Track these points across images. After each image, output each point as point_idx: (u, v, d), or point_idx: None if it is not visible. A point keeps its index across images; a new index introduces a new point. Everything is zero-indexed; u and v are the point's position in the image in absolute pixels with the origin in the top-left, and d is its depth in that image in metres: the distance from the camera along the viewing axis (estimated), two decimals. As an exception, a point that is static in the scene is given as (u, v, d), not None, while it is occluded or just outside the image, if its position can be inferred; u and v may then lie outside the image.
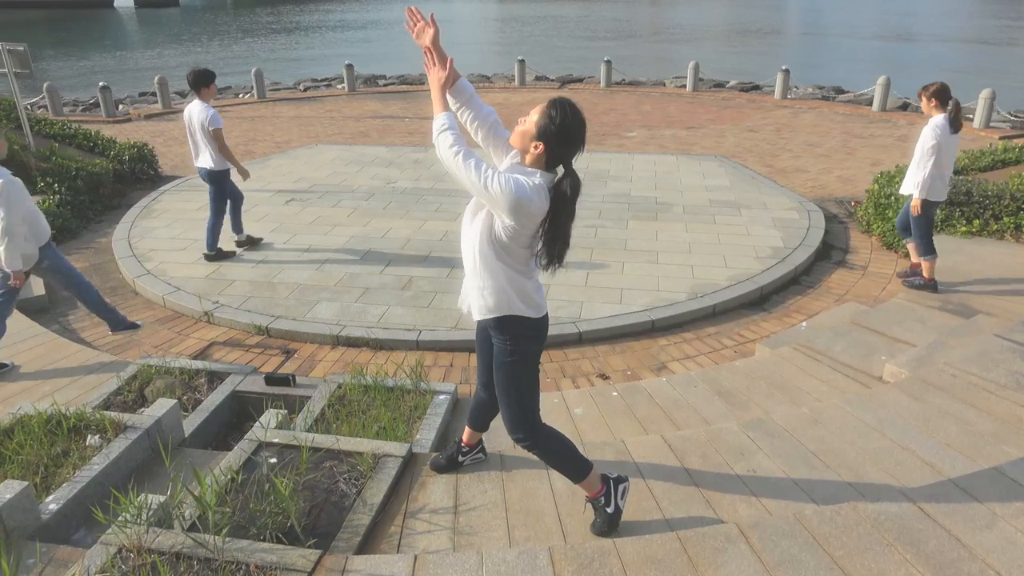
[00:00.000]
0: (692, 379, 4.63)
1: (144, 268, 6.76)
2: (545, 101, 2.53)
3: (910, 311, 5.42)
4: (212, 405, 4.24)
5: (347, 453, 3.40)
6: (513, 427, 2.87)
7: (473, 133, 2.83)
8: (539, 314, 2.75)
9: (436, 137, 2.55)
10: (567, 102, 2.50)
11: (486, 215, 2.58)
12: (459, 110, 2.79)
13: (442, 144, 2.52)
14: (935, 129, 5.58)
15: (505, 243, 2.57)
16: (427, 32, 2.72)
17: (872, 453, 3.44)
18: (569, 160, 2.55)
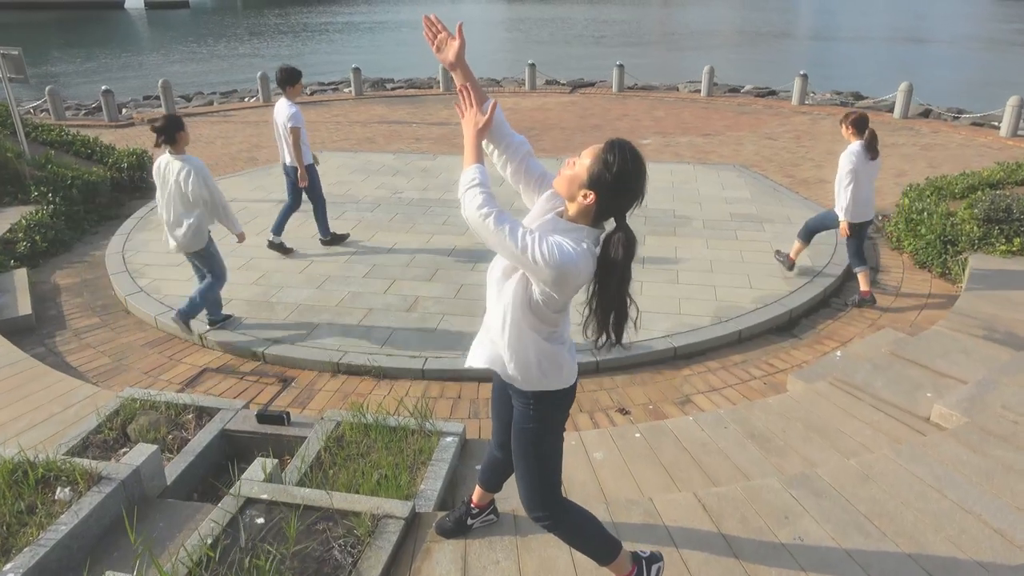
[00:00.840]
0: (721, 418, 4.26)
1: (137, 285, 6.43)
2: (601, 143, 2.15)
3: (953, 341, 5.03)
4: (199, 446, 3.89)
5: (343, 513, 3.04)
6: (530, 504, 2.51)
7: (501, 167, 2.47)
8: (569, 382, 2.40)
9: (463, 193, 2.15)
10: (626, 145, 2.11)
11: (521, 279, 2.22)
12: (487, 145, 2.42)
13: (471, 204, 2.12)
14: (851, 155, 5.92)
15: (541, 310, 2.23)
16: (451, 45, 2.35)
17: (932, 517, 3.06)
18: (623, 213, 2.16)
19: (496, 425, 2.76)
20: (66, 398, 4.52)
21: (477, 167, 2.20)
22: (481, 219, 2.09)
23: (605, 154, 2.10)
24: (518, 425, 2.46)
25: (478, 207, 2.10)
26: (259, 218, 8.10)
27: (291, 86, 6.73)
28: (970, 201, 7.18)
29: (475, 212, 2.10)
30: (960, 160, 10.60)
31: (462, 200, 2.16)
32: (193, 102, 17.40)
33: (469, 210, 2.13)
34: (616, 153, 2.09)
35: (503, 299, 2.28)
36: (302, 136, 6.76)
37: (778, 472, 3.69)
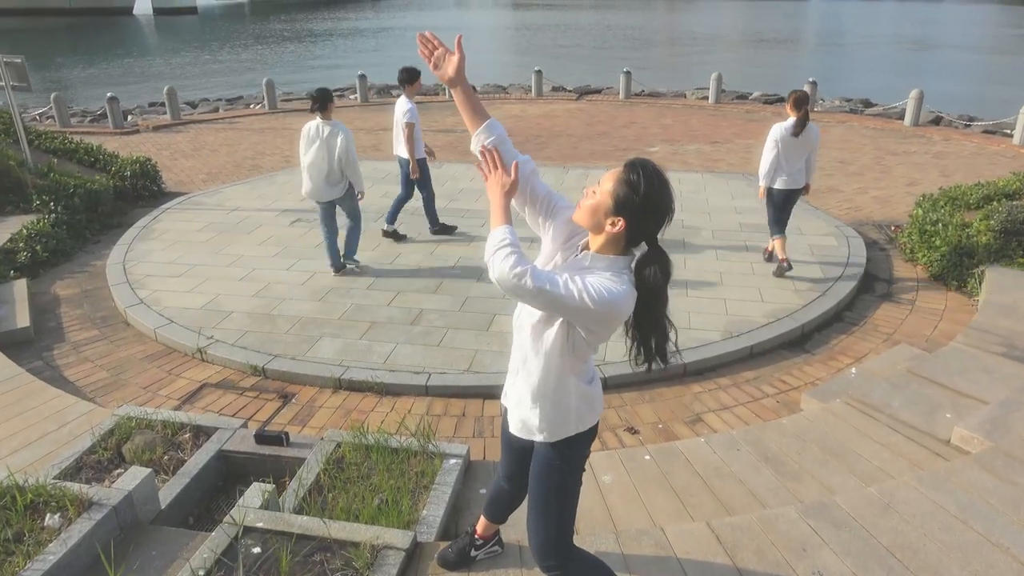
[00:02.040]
0: (734, 440, 4.12)
1: (137, 297, 6.33)
2: (619, 165, 2.03)
3: (972, 358, 4.88)
4: (195, 468, 3.77)
5: (341, 543, 2.92)
6: (544, 552, 2.39)
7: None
8: (599, 414, 2.32)
9: (492, 255, 1.98)
10: (648, 162, 2.01)
11: (563, 324, 2.10)
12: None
13: (502, 266, 1.95)
14: (778, 128, 6.46)
15: (584, 350, 2.13)
16: (450, 60, 2.21)
17: (958, 551, 2.92)
18: (654, 234, 2.05)
19: (507, 456, 2.61)
20: (61, 415, 4.41)
21: (506, 228, 2.05)
22: (516, 280, 1.93)
23: (628, 175, 1.99)
24: (541, 471, 2.33)
25: (511, 268, 1.93)
26: (262, 227, 8.01)
27: (409, 85, 7.26)
28: (986, 212, 7.03)
29: (508, 274, 1.94)
30: (973, 169, 10.45)
31: (491, 263, 1.99)
32: (199, 108, 17.37)
33: (500, 271, 1.95)
34: (639, 172, 1.98)
35: (542, 348, 2.17)
36: (416, 131, 7.21)
37: (794, 498, 3.55)
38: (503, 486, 2.70)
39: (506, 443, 2.57)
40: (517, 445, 2.46)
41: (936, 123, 14.15)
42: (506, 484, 2.68)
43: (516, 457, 2.51)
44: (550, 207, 2.27)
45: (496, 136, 2.24)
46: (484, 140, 2.23)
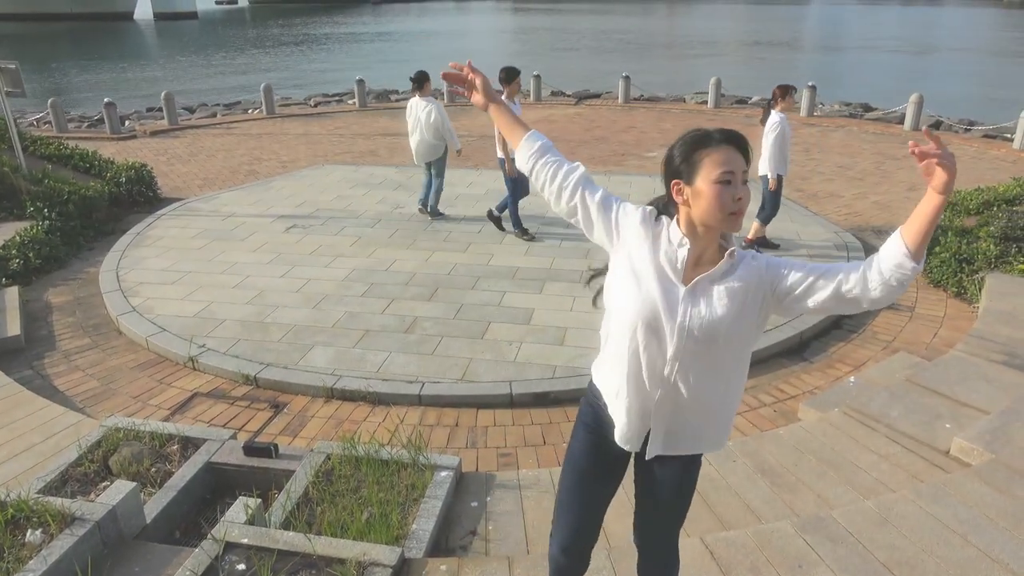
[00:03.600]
0: (730, 450, 4.05)
1: (130, 304, 6.28)
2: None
3: (972, 367, 4.82)
4: (182, 481, 3.71)
5: (326, 560, 2.86)
6: (673, 562, 2.40)
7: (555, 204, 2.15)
8: None
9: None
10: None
11: (752, 303, 1.92)
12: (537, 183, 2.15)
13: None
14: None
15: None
16: (472, 89, 2.17)
17: (956, 567, 2.86)
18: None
19: (582, 504, 2.28)
20: (48, 427, 4.36)
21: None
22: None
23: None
24: (678, 495, 2.21)
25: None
26: (257, 234, 7.96)
27: (508, 84, 7.29)
28: (986, 218, 6.98)
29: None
30: (973, 173, 10.39)
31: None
32: (196, 113, 17.35)
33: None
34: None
35: (739, 352, 1.99)
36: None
37: (790, 511, 3.49)
38: (563, 563, 2.39)
39: (590, 501, 2.29)
40: (603, 502, 2.32)
41: (936, 127, 14.09)
42: (565, 559, 2.39)
43: (597, 514, 2.33)
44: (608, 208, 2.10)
45: (540, 144, 2.14)
46: (528, 153, 2.13)
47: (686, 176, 1.89)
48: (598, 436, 2.20)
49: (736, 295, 1.90)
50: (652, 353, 1.95)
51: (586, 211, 2.09)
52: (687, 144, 1.90)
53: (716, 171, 1.83)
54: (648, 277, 1.95)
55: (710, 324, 1.89)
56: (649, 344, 1.94)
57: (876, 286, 1.78)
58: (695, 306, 1.90)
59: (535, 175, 2.12)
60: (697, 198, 1.87)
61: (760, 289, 1.91)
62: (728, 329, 1.89)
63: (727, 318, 1.88)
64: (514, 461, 4.31)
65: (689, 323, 1.90)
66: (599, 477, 2.26)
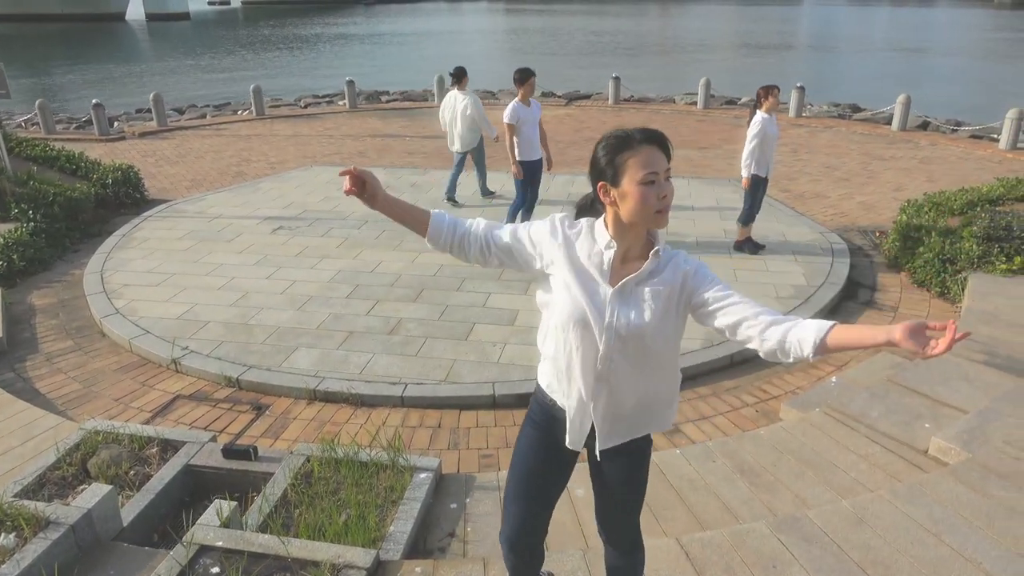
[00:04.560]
0: (709, 451, 4.07)
1: (113, 307, 6.26)
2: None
3: (953, 367, 4.84)
4: (160, 484, 3.70)
5: (301, 563, 2.85)
6: (635, 544, 2.44)
7: (482, 256, 2.16)
8: None
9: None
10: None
11: (675, 305, 2.03)
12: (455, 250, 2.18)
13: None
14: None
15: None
16: (362, 184, 2.04)
17: (929, 566, 2.87)
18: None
19: (528, 497, 2.34)
20: (27, 430, 4.33)
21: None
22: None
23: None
24: (635, 477, 2.29)
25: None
26: (243, 235, 7.94)
27: (521, 85, 7.46)
28: (968, 218, 7.02)
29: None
30: (959, 174, 10.45)
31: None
32: (186, 115, 17.29)
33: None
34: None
35: (667, 344, 2.07)
36: (521, 133, 7.44)
37: (768, 511, 3.50)
38: (512, 560, 2.47)
39: (542, 490, 2.35)
40: (554, 493, 2.38)
41: (923, 128, 14.18)
42: (512, 555, 2.45)
43: (548, 505, 2.38)
44: (519, 238, 2.14)
45: (444, 229, 2.14)
46: (440, 243, 2.15)
47: (611, 178, 1.95)
48: (544, 433, 2.27)
49: (660, 297, 1.98)
50: (585, 353, 2.03)
51: (506, 254, 2.14)
52: (610, 147, 1.95)
53: (640, 173, 1.90)
54: (574, 281, 2.02)
55: (637, 325, 1.98)
56: (581, 345, 2.02)
57: (771, 347, 1.88)
58: (622, 307, 1.99)
59: (458, 255, 2.17)
60: (624, 199, 1.94)
61: (683, 293, 2.01)
62: (654, 329, 1.99)
63: (653, 319, 1.98)
64: (495, 462, 4.31)
65: (616, 323, 1.99)
66: (545, 474, 2.34)
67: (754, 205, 7.15)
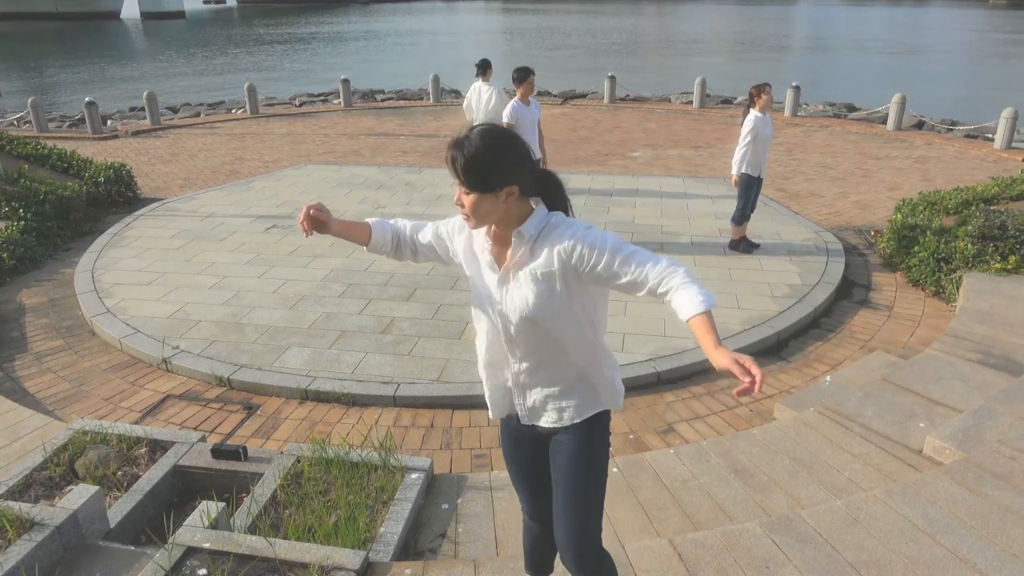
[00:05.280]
0: (703, 451, 4.04)
1: (104, 306, 6.21)
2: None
3: (947, 366, 4.82)
4: (148, 485, 3.66)
5: (289, 564, 2.81)
6: (589, 554, 2.31)
7: (413, 255, 2.34)
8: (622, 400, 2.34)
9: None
10: (468, 136, 1.97)
11: (569, 298, 2.03)
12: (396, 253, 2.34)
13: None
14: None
15: (600, 311, 2.17)
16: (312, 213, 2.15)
17: (925, 568, 2.85)
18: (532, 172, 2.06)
19: (529, 490, 2.46)
20: (14, 430, 4.29)
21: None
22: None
23: (468, 152, 1.95)
24: (580, 463, 2.23)
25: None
26: (236, 234, 7.89)
27: (520, 84, 7.51)
28: (963, 217, 7.01)
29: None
30: (954, 173, 10.45)
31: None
32: (180, 113, 17.22)
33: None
34: (475, 141, 1.93)
35: (568, 330, 2.08)
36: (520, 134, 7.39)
37: (761, 511, 3.47)
38: (533, 529, 2.56)
39: (525, 474, 2.43)
40: (540, 474, 2.38)
41: (919, 127, 14.18)
42: (535, 525, 2.54)
43: (543, 487, 2.38)
44: (439, 234, 2.27)
45: (380, 236, 2.27)
46: (381, 251, 2.30)
47: (518, 179, 2.02)
48: (504, 426, 2.40)
49: (539, 280, 2.00)
50: (491, 338, 2.17)
51: (429, 250, 2.28)
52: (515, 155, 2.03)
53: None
54: (474, 273, 2.16)
55: (522, 307, 2.03)
56: (488, 330, 2.17)
57: (653, 295, 1.98)
58: (507, 292, 2.06)
59: (392, 257, 2.32)
60: (519, 200, 2.04)
61: (565, 272, 2.00)
62: (543, 312, 2.01)
63: (538, 302, 2.01)
64: (488, 462, 4.28)
65: (504, 308, 2.08)
66: (524, 460, 2.41)
67: (747, 205, 7.12)
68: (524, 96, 7.30)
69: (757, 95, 6.84)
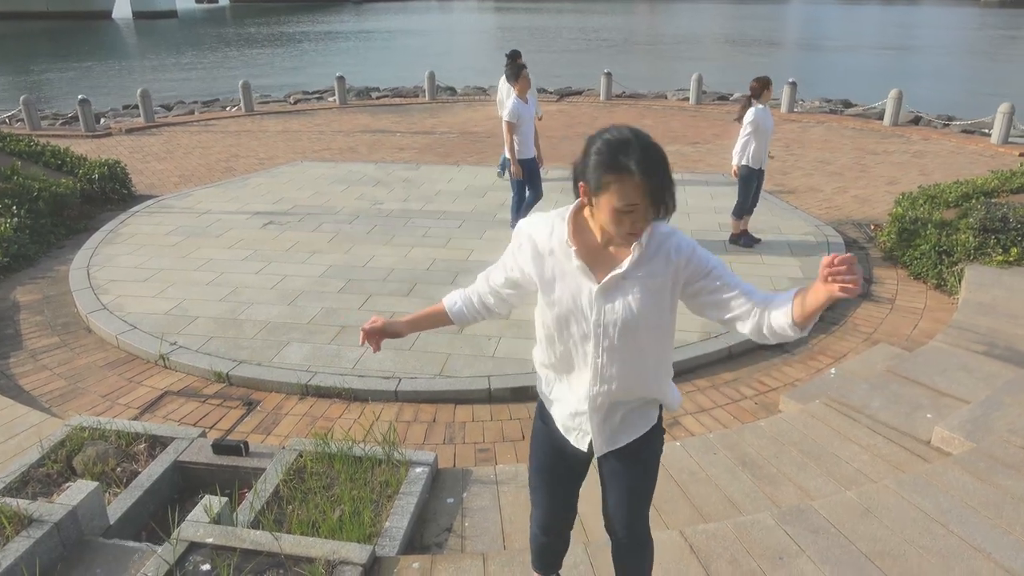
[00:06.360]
0: (710, 443, 4.00)
1: (100, 302, 6.13)
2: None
3: (952, 357, 4.80)
4: (148, 481, 3.60)
5: (294, 559, 2.76)
6: (644, 528, 2.35)
7: (504, 309, 2.29)
8: None
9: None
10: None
11: (666, 293, 1.93)
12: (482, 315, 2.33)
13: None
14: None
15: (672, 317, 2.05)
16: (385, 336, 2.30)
17: (939, 557, 2.81)
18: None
19: (551, 501, 2.36)
20: (10, 427, 4.22)
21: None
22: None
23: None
24: (638, 470, 2.18)
25: None
26: (233, 230, 7.82)
27: (515, 81, 7.31)
28: (964, 210, 6.99)
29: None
30: (952, 167, 10.45)
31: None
32: (174, 111, 17.10)
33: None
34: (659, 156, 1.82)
35: (658, 337, 2.00)
36: (520, 131, 7.12)
37: (771, 504, 3.44)
38: (542, 540, 2.47)
39: (555, 484, 2.33)
40: (571, 486, 2.35)
41: (915, 123, 14.18)
42: (545, 537, 2.46)
43: (568, 498, 2.36)
44: (511, 274, 2.12)
45: (456, 310, 2.29)
46: (462, 321, 2.31)
47: (591, 186, 1.83)
48: (552, 437, 2.23)
49: (648, 291, 1.90)
50: (578, 357, 2.01)
51: (513, 286, 2.13)
52: (603, 159, 1.79)
53: (619, 203, 1.78)
54: (555, 286, 1.97)
55: (627, 317, 1.90)
56: (572, 349, 2.00)
57: (756, 332, 1.88)
58: (608, 304, 1.92)
59: (492, 317, 2.30)
60: (598, 210, 1.85)
61: (675, 287, 1.93)
62: (646, 323, 1.91)
63: (643, 313, 1.90)
64: (492, 456, 4.23)
65: (604, 319, 1.92)
66: (560, 475, 2.30)
67: (747, 198, 7.10)
68: (522, 92, 7.20)
69: (759, 87, 6.81)
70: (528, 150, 7.25)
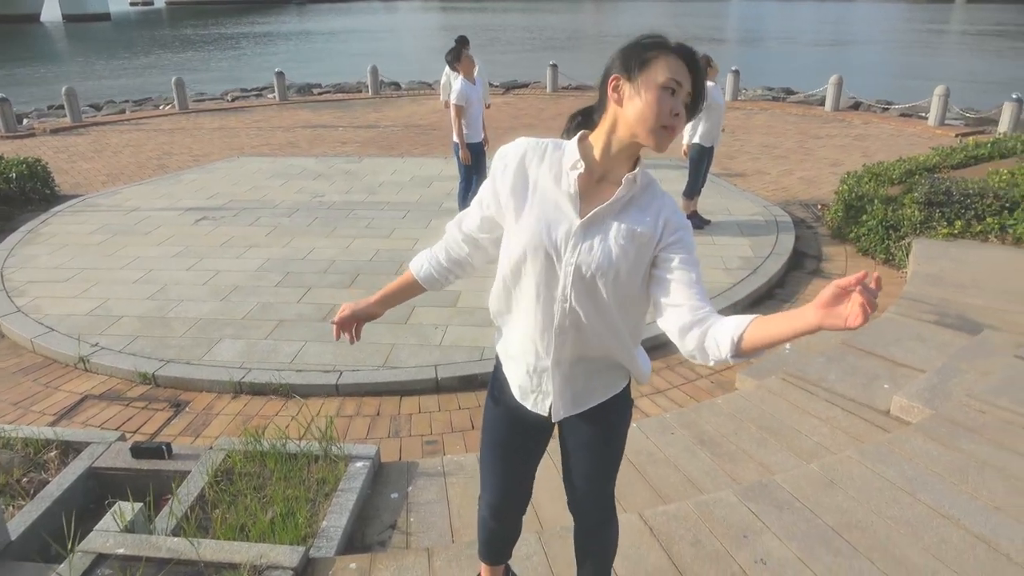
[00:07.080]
0: (667, 423, 3.84)
1: (14, 305, 5.68)
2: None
3: (905, 328, 4.75)
4: (58, 490, 3.25)
5: (216, 566, 2.48)
6: (608, 504, 2.15)
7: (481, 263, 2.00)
8: None
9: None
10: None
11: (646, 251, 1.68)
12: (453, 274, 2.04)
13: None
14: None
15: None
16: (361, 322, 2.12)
17: (907, 525, 2.69)
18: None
19: (503, 482, 2.11)
20: (-97, 440, 3.80)
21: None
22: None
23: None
24: (610, 438, 1.97)
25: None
26: (163, 227, 7.39)
27: (457, 62, 7.06)
28: (908, 185, 7.03)
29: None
30: (893, 149, 10.60)
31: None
32: (103, 111, 16.34)
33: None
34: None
35: (626, 300, 1.73)
36: (468, 114, 6.89)
37: (732, 481, 3.28)
38: (492, 526, 2.22)
39: (512, 464, 2.09)
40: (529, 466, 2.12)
41: (855, 108, 14.42)
42: (495, 523, 2.20)
43: (523, 479, 2.12)
44: (485, 213, 1.86)
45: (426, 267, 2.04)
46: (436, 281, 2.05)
47: (631, 69, 1.61)
48: (505, 406, 1.98)
49: (634, 239, 1.66)
50: (542, 297, 1.73)
51: (491, 224, 1.85)
52: (643, 41, 1.64)
53: (664, 75, 1.58)
54: (532, 212, 1.71)
55: (603, 262, 1.65)
56: (538, 288, 1.72)
57: (691, 346, 1.62)
58: (588, 240, 1.67)
59: (466, 273, 2.02)
60: (633, 98, 1.60)
61: (657, 244, 1.68)
62: (625, 273, 1.67)
63: (625, 258, 1.66)
64: (440, 448, 3.99)
65: (578, 259, 1.67)
66: (516, 447, 2.04)
67: (698, 178, 7.01)
68: (468, 73, 6.93)
69: (707, 64, 6.71)
70: (476, 133, 7.01)
